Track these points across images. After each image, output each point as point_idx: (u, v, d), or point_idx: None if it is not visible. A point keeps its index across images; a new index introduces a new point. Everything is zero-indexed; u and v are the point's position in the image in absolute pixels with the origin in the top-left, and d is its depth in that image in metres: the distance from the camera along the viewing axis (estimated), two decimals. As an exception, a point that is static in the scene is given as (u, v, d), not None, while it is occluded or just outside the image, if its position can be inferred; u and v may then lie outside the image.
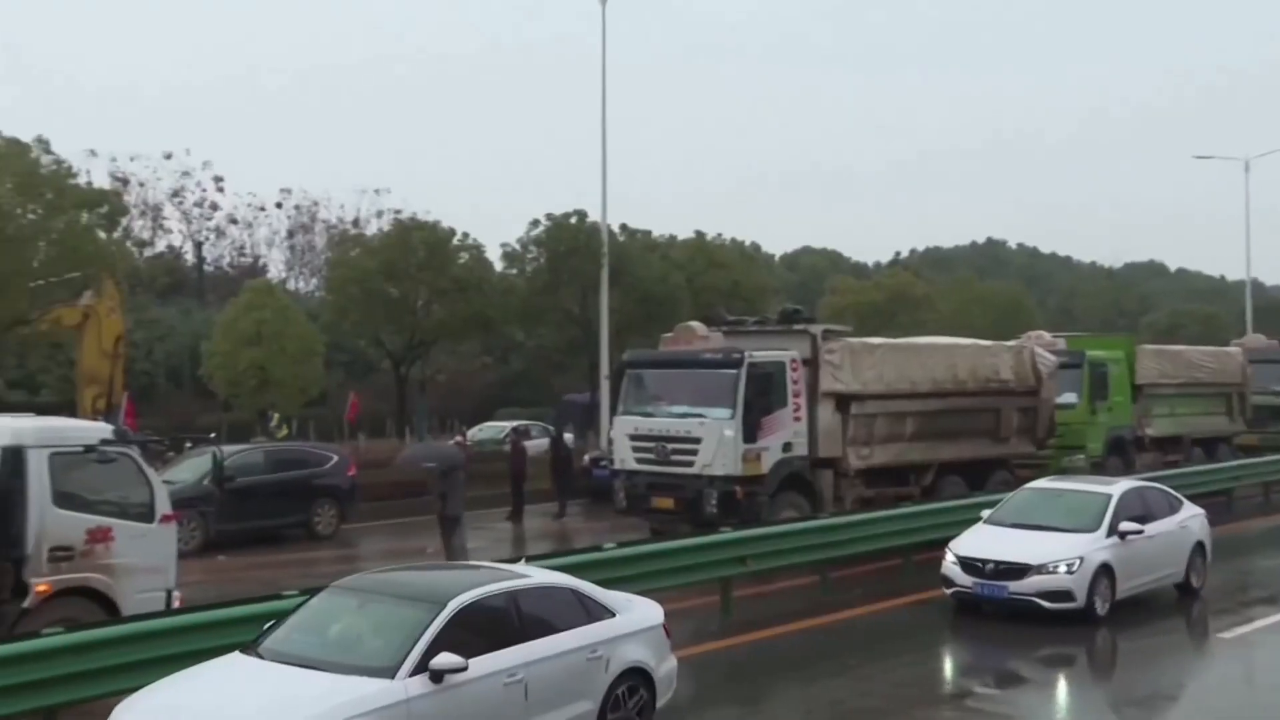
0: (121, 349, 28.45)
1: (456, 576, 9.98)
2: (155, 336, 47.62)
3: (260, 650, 8.96)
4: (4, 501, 11.86)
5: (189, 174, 61.08)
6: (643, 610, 10.59)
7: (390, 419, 42.04)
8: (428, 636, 8.60)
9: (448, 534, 20.15)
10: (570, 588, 10.13)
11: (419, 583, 9.73)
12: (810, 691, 12.43)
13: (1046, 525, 15.78)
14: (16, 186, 27.35)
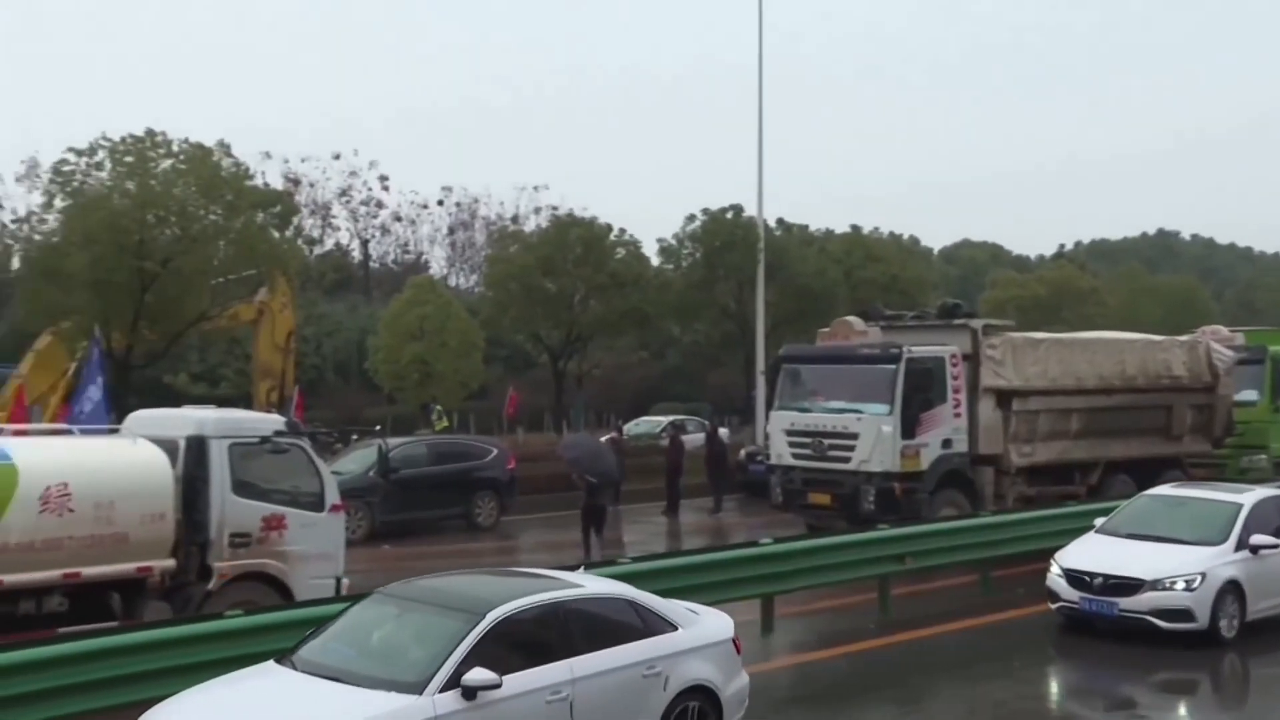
0: (293, 344, 29.56)
1: (502, 585, 9.25)
2: (324, 332, 49.21)
3: (295, 659, 8.51)
4: (190, 489, 12.48)
5: (356, 174, 63.07)
6: (710, 623, 9.76)
7: (548, 413, 42.65)
8: (462, 650, 8.00)
9: (591, 525, 20.51)
10: (627, 598, 9.33)
11: (461, 591, 8.98)
12: (972, 692, 12.19)
13: (1166, 536, 14.32)
14: (200, 189, 28.60)
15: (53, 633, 10.51)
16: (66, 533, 11.42)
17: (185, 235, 28.25)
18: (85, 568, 11.54)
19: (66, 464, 11.77)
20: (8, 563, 11.05)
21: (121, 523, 11.77)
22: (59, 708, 8.88)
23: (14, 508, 11.10)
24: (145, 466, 12.19)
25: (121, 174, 28.26)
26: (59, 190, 28.64)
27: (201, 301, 29.02)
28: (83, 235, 26.95)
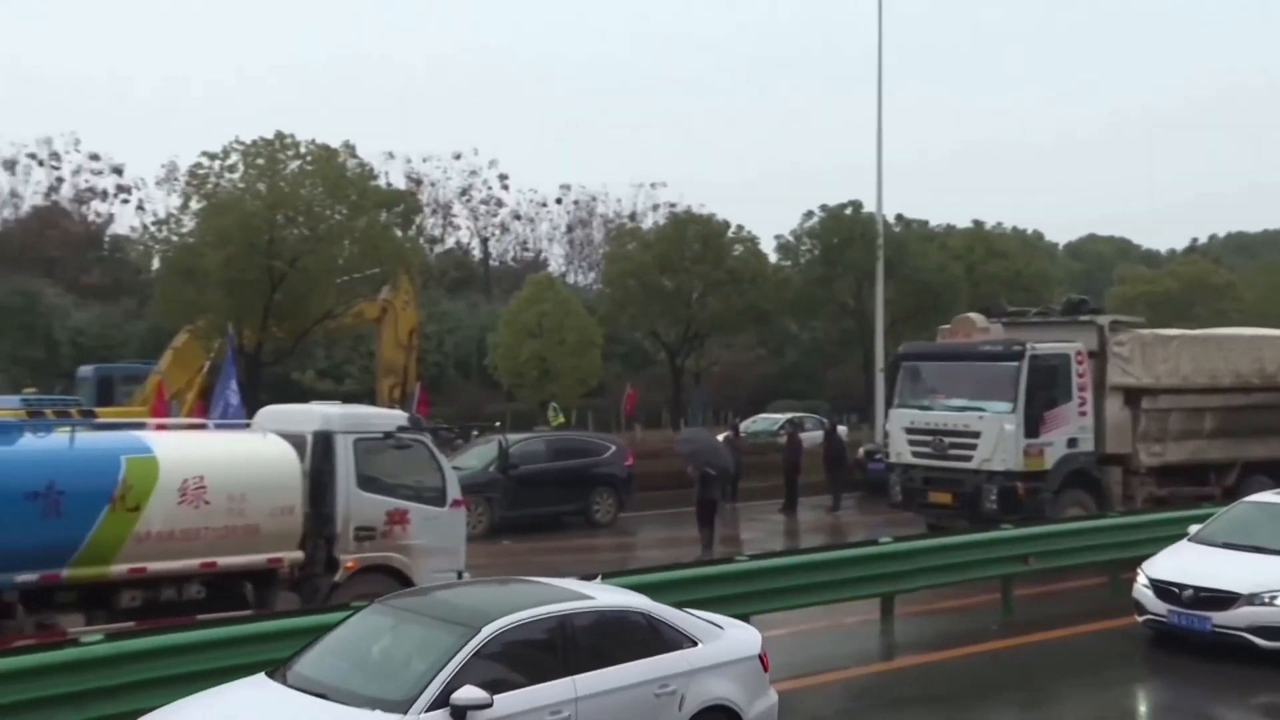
0: (415, 341, 30.15)
1: (505, 596, 8.71)
2: (445, 329, 49.99)
3: (285, 673, 8.03)
4: (317, 483, 12.80)
5: (476, 173, 64.05)
6: (735, 638, 9.08)
7: (665, 410, 42.77)
8: (452, 666, 7.45)
9: (705, 518, 20.70)
10: (641, 611, 8.65)
11: (460, 603, 8.51)
12: (1101, 697, 11.89)
13: (1266, 547, 13.17)
14: (326, 189, 29.33)
15: (193, 619, 10.91)
16: (203, 523, 11.81)
17: (312, 234, 29.02)
18: (220, 558, 11.93)
19: (203, 457, 12.17)
20: (150, 551, 11.48)
21: (253, 515, 12.12)
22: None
23: (155, 499, 11.51)
24: (275, 461, 12.53)
25: (253, 176, 29.14)
26: (195, 192, 29.67)
27: (327, 299, 29.75)
28: (217, 235, 27.87)
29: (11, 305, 43.31)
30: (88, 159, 56.27)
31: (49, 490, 10.98)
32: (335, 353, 45.28)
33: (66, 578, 11.16)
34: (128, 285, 47.53)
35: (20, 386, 32.59)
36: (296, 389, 38.33)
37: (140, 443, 12.04)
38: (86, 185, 57.00)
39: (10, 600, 10.88)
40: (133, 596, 11.56)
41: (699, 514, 20.96)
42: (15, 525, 10.77)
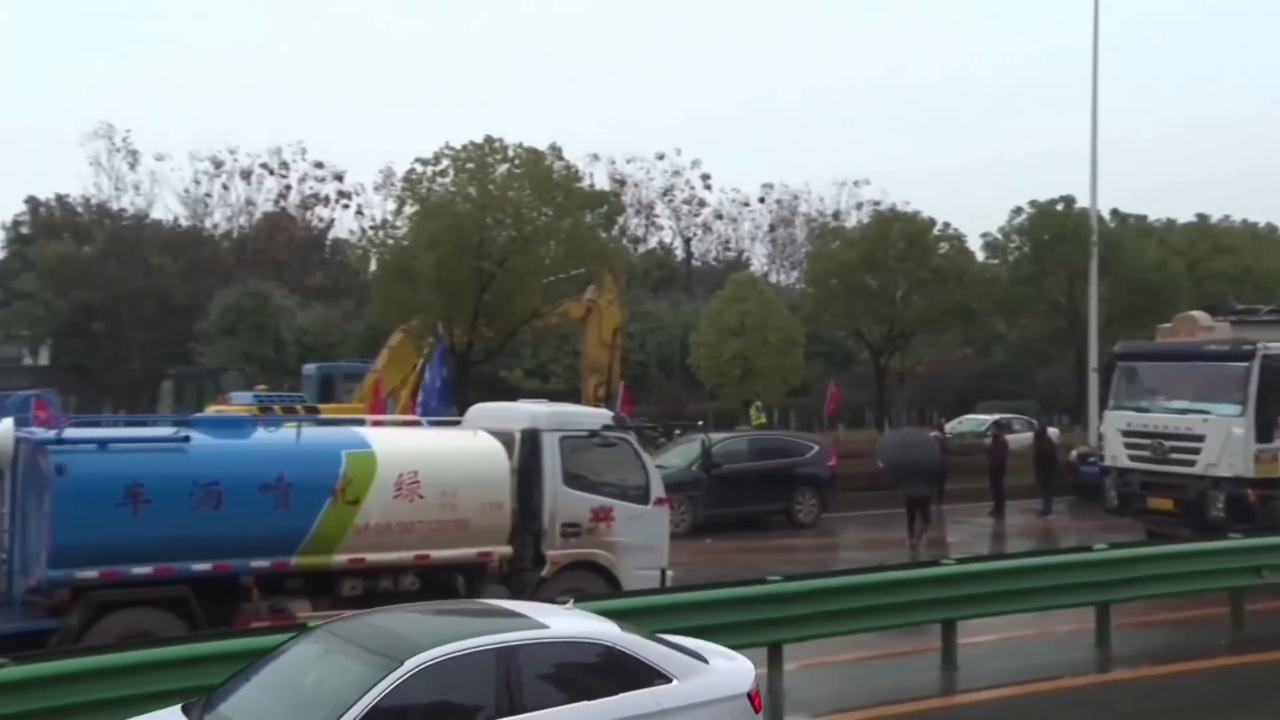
0: (619, 340, 30.52)
1: (446, 623, 7.83)
2: (648, 328, 50.45)
3: (203, 707, 7.25)
4: (525, 480, 13.13)
5: (679, 173, 64.42)
6: (719, 673, 7.88)
7: (869, 410, 42.20)
8: (365, 703, 6.55)
9: (914, 514, 21.06)
10: (605, 643, 7.48)
11: (393, 630, 7.43)
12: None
13: None
14: (534, 191, 30.06)
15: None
16: (417, 517, 12.26)
17: (520, 236, 29.77)
18: (433, 551, 12.36)
19: (417, 453, 12.64)
20: (368, 543, 12.00)
21: (464, 510, 12.51)
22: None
23: (373, 492, 12.03)
24: (485, 457, 12.90)
25: (463, 180, 30.09)
26: (409, 197, 30.84)
27: (534, 299, 30.44)
28: (429, 238, 28.88)
29: (244, 306, 45.83)
30: (313, 167, 59.07)
31: (279, 482, 11.61)
32: (542, 352, 46.24)
33: (295, 565, 11.78)
34: (347, 287, 49.68)
35: (253, 384, 34.46)
36: (504, 387, 39.33)
37: (359, 438, 12.59)
38: (311, 192, 59.86)
39: (247, 584, 11.55)
40: (353, 586, 12.09)
41: (907, 509, 21.42)
42: (250, 514, 11.43)
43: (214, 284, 49.29)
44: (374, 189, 57.66)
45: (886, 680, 12.13)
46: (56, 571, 10.81)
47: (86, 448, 11.18)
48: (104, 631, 10.68)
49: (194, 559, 11.29)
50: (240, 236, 57.97)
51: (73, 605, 10.84)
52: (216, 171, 57.37)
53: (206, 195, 57.76)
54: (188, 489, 11.28)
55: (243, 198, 58.69)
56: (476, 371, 32.33)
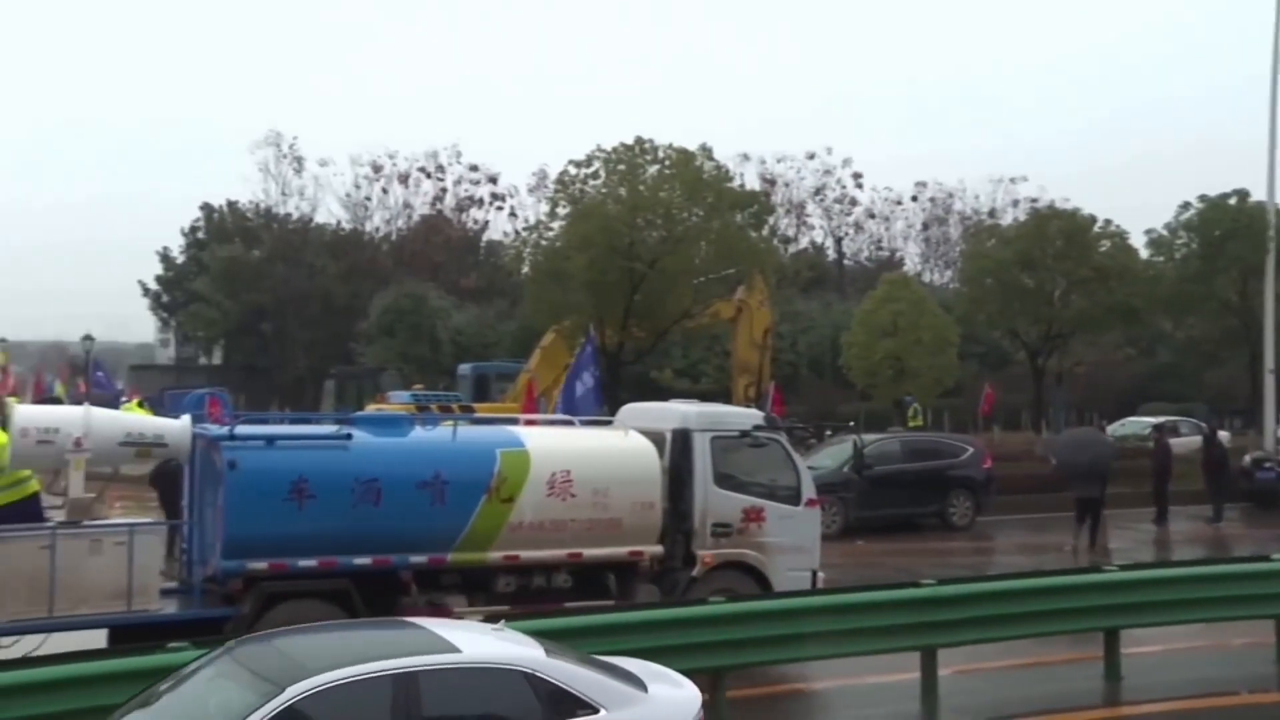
0: (769, 340, 30.41)
1: (347, 645, 7.13)
2: (798, 329, 50.18)
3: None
4: (676, 479, 13.17)
5: (830, 172, 63.86)
6: (658, 703, 7.08)
7: (1025, 412, 41.18)
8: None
9: (1087, 517, 20.60)
10: (525, 670, 6.76)
11: (288, 653, 6.78)
12: None
13: None
14: (684, 192, 30.16)
15: (560, 606, 11.50)
16: (569, 515, 12.38)
17: (670, 236, 29.90)
18: (585, 549, 12.49)
19: (569, 452, 12.76)
20: (522, 540, 12.19)
21: (615, 509, 12.58)
22: None
23: (526, 490, 12.20)
24: (636, 457, 12.96)
25: (614, 181, 30.36)
26: (561, 198, 31.27)
27: (685, 300, 30.54)
28: (581, 239, 29.23)
29: (402, 307, 47.06)
30: (467, 170, 60.32)
31: (436, 480, 11.87)
32: (692, 352, 46.36)
33: (451, 561, 12.03)
34: (501, 287, 50.58)
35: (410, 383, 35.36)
36: (655, 387, 39.53)
37: (513, 437, 12.77)
38: (466, 194, 61.12)
39: (406, 579, 11.85)
40: (507, 582, 12.29)
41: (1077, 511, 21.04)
42: (408, 511, 11.72)
43: (373, 285, 50.75)
44: (527, 191, 58.67)
45: (1046, 689, 11.80)
46: (230, 562, 11.26)
47: (256, 444, 11.60)
48: (274, 620, 11.07)
49: (355, 553, 11.62)
50: (398, 239, 59.53)
51: (245, 594, 11.27)
52: (376, 176, 59.07)
53: (366, 199, 59.54)
54: (349, 485, 11.61)
55: (400, 201, 60.31)
56: (627, 371, 32.59)
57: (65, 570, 10.57)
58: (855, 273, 64.71)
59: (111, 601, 10.74)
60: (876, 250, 68.28)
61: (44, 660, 8.68)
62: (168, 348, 67.97)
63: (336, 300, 53.09)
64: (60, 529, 10.86)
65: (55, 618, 10.59)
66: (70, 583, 10.59)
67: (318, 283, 53.82)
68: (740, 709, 10.31)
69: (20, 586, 10.51)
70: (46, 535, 10.74)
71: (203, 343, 61.81)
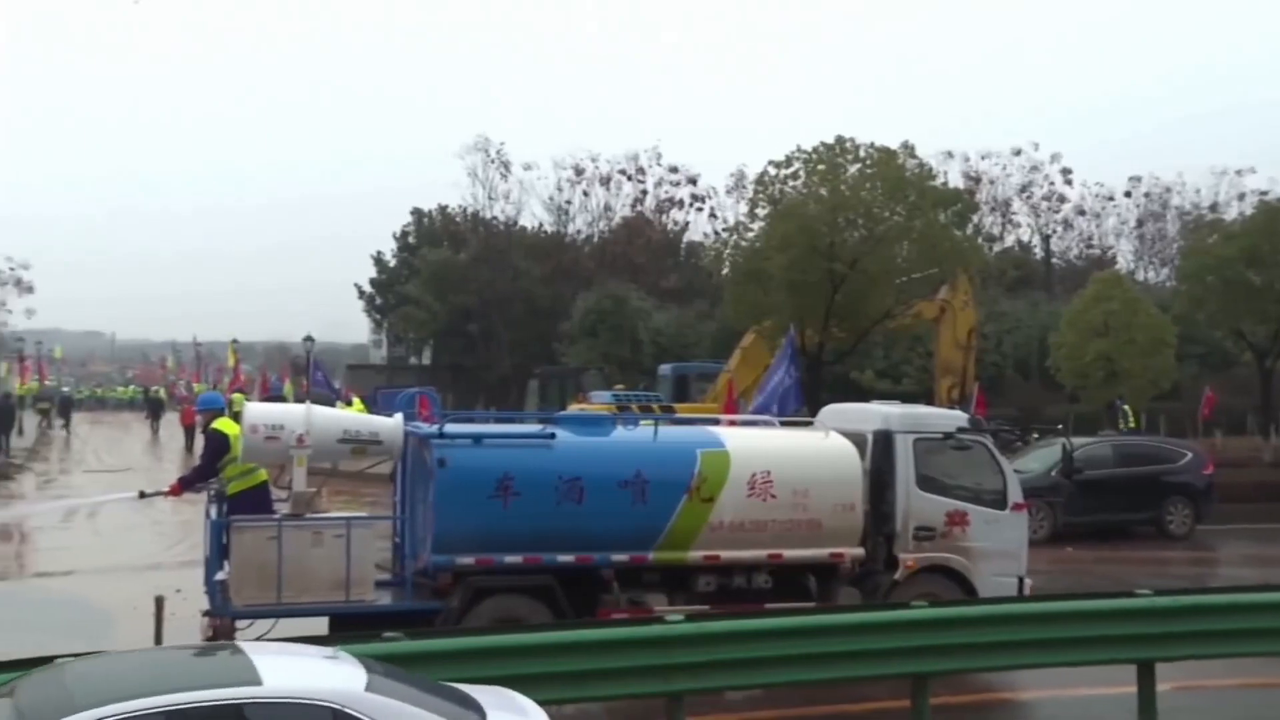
0: (973, 341, 29.78)
1: (134, 678, 6.27)
2: (1004, 329, 48.86)
3: None
4: (877, 481, 13.03)
5: (1037, 168, 61.88)
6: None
7: (1251, 415, 39.02)
8: None
9: None
10: (333, 705, 6.03)
11: (67, 684, 6.13)
12: None
13: None
14: (885, 191, 29.78)
15: (761, 607, 11.52)
16: (769, 516, 12.39)
17: (871, 236, 29.57)
18: (785, 550, 12.47)
19: (769, 453, 12.75)
20: (722, 540, 12.25)
21: (816, 510, 12.53)
22: None
23: (726, 490, 12.26)
24: (837, 458, 12.87)
25: (814, 181, 30.18)
26: (761, 199, 31.27)
27: (886, 300, 30.17)
28: (781, 240, 29.18)
29: (603, 308, 47.83)
30: (668, 171, 60.84)
31: (637, 479, 12.04)
32: (893, 352, 45.67)
33: (653, 560, 12.19)
34: (700, 288, 50.84)
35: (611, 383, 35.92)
36: (855, 388, 39.09)
37: (713, 437, 12.85)
38: (666, 196, 61.65)
39: (608, 577, 12.07)
40: (708, 582, 12.37)
41: None
42: (610, 509, 11.93)
43: (575, 287, 51.72)
44: (726, 192, 58.77)
45: (1276, 712, 11.20)
46: (439, 557, 11.67)
47: (464, 442, 12.00)
48: (481, 615, 11.45)
49: (558, 550, 11.88)
50: (600, 241, 60.49)
51: (454, 589, 11.66)
52: (578, 179, 60.16)
53: (568, 202, 60.69)
54: (553, 483, 11.88)
55: (602, 203, 61.26)
56: (828, 372, 32.34)
57: (290, 560, 11.16)
58: (1064, 271, 62.48)
59: (332, 591, 11.28)
60: (1086, 248, 65.82)
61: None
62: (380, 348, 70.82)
63: (540, 301, 54.34)
64: (285, 521, 11.47)
65: (282, 604, 11.20)
66: (295, 572, 11.18)
67: (522, 284, 55.19)
68: (944, 716, 10.14)
69: (252, 574, 11.15)
70: (273, 526, 11.36)
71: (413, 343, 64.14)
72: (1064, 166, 62.11)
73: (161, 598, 12.27)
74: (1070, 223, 64.86)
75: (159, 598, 12.26)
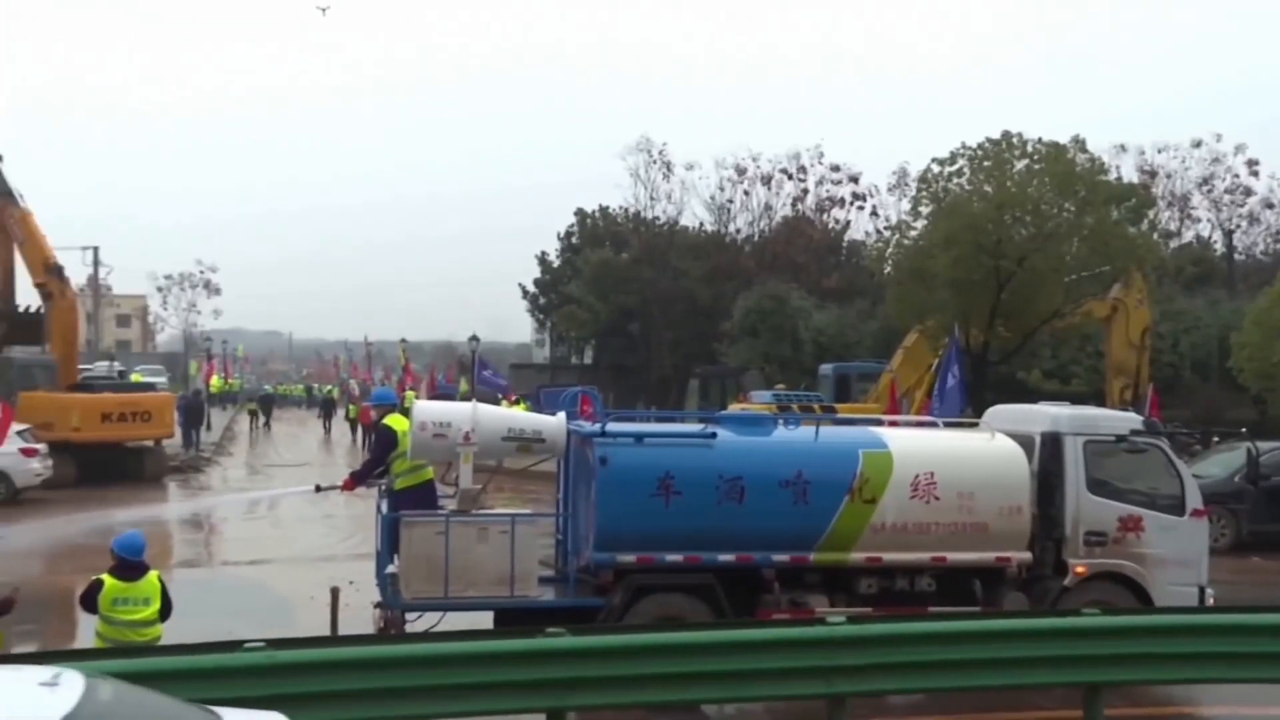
0: (1147, 341, 28.77)
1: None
2: (1181, 328, 46.98)
3: None
4: (1045, 484, 12.71)
5: (1219, 160, 59.32)
6: None
7: None
8: None
9: None
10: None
11: None
12: None
13: None
14: (1054, 187, 29.00)
15: (924, 610, 11.35)
16: (933, 518, 12.20)
17: (1039, 233, 28.85)
18: (949, 553, 12.26)
19: (933, 454, 12.57)
20: (884, 542, 12.12)
21: (981, 513, 12.29)
22: None
23: (889, 492, 12.13)
24: (1003, 460, 12.61)
25: (980, 178, 29.57)
26: (924, 197, 30.78)
27: (1055, 298, 29.41)
28: (945, 238, 28.67)
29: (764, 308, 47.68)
30: (829, 170, 60.29)
31: (798, 479, 12.00)
32: (1062, 352, 44.38)
33: (814, 561, 12.12)
34: (861, 287, 50.26)
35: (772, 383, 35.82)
36: (1022, 389, 38.08)
37: (876, 438, 12.72)
38: (827, 195, 61.11)
39: (769, 578, 12.06)
40: (869, 584, 12.25)
41: None
42: (770, 509, 11.91)
43: (735, 286, 51.66)
44: (888, 190, 57.97)
45: None
46: (601, 554, 11.82)
47: (625, 441, 12.13)
48: (642, 613, 11.56)
49: (719, 550, 11.91)
50: (760, 240, 60.31)
51: (615, 586, 11.80)
52: (739, 178, 60.08)
53: (729, 201, 60.67)
54: (714, 483, 11.92)
55: (762, 203, 61.05)
56: (993, 372, 31.63)
57: (457, 555, 11.46)
58: (1248, 268, 59.67)
59: (497, 586, 11.53)
60: (1274, 243, 62.80)
61: (440, 636, 9.47)
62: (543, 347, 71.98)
63: (700, 301, 54.46)
64: (452, 517, 11.77)
65: (449, 598, 11.50)
66: (461, 567, 11.47)
67: (682, 284, 55.41)
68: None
69: (421, 567, 11.48)
70: (441, 522, 11.68)
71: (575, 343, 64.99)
72: (1250, 158, 59.41)
73: (337, 589, 12.74)
74: (1256, 217, 61.98)
75: (334, 589, 12.74)
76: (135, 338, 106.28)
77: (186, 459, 35.24)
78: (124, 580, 9.26)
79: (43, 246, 31.07)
